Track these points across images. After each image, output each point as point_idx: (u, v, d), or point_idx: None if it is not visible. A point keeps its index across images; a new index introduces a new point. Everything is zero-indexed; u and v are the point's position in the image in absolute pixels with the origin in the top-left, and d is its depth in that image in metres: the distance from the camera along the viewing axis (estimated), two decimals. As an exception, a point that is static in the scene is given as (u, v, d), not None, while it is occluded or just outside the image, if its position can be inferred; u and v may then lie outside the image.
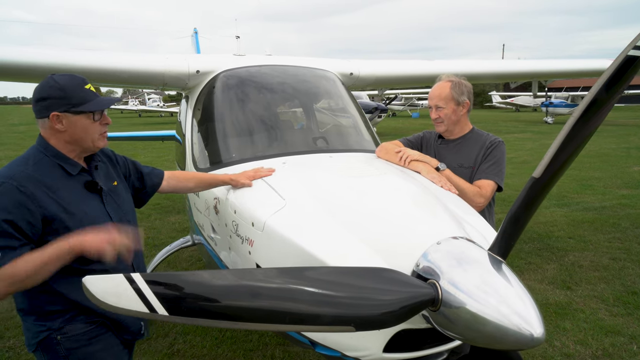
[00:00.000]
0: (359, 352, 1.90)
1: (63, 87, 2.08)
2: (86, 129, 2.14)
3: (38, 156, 2.11)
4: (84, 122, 2.12)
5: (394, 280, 1.55)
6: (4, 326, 4.63)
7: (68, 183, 2.12)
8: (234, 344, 4.26)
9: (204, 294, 1.34)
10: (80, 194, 2.15)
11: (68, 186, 2.11)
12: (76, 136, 2.13)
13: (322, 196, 2.29)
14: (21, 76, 4.30)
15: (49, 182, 2.04)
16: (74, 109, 2.08)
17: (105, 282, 1.31)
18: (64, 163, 2.13)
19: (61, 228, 2.00)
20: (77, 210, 2.07)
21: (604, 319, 4.58)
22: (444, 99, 2.99)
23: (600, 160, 14.75)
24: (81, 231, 1.96)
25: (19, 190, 1.93)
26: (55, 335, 2.10)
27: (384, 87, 7.01)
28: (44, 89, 2.09)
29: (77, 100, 2.08)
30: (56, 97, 2.06)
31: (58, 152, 2.13)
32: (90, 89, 2.15)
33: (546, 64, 6.79)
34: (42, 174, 2.05)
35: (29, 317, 2.15)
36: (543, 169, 1.43)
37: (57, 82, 2.09)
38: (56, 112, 2.06)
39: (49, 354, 2.14)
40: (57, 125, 2.08)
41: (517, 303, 1.46)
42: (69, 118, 2.09)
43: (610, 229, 7.51)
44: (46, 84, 2.10)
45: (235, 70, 3.93)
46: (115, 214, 2.26)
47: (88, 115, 2.12)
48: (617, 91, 1.34)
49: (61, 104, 2.06)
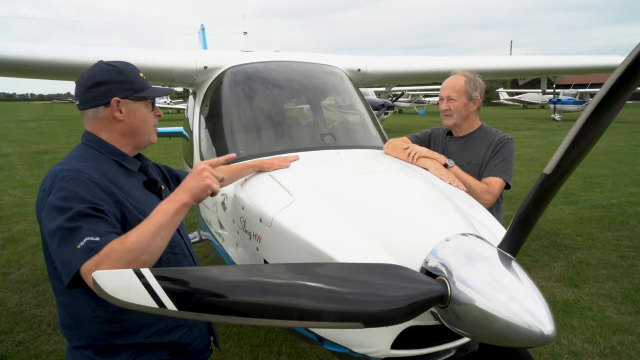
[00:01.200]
0: (367, 349, 1.89)
1: (122, 70, 1.89)
2: (145, 119, 1.96)
3: (91, 153, 1.89)
4: (143, 110, 1.94)
5: (403, 277, 1.54)
6: (13, 321, 4.67)
7: (130, 180, 1.93)
8: (241, 340, 4.27)
9: (212, 290, 1.34)
10: (142, 192, 1.96)
11: (130, 183, 1.92)
12: (134, 126, 1.93)
13: (330, 192, 2.28)
14: (30, 72, 4.33)
15: (113, 179, 1.83)
16: (135, 94, 1.89)
17: (114, 276, 1.31)
18: (121, 160, 1.93)
19: (135, 225, 1.70)
20: (146, 208, 1.78)
21: (612, 317, 4.55)
22: (457, 91, 2.97)
23: (609, 157, 14.63)
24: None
25: (94, 183, 1.72)
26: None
27: (392, 84, 6.98)
28: (99, 73, 1.87)
29: (138, 85, 1.91)
30: (117, 81, 1.86)
31: (114, 148, 1.93)
32: (144, 77, 1.98)
33: (557, 60, 6.73)
34: (104, 170, 1.84)
35: (86, 351, 1.85)
36: (554, 166, 1.41)
37: (115, 67, 1.89)
38: (117, 97, 1.86)
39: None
40: (116, 114, 1.87)
41: (527, 300, 1.45)
42: (129, 105, 1.89)
43: (618, 226, 7.46)
44: (101, 69, 1.88)
45: (242, 66, 3.93)
46: None
47: (147, 103, 1.95)
48: (630, 88, 1.33)
49: (123, 89, 1.87)
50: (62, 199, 1.65)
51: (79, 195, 1.66)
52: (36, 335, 4.38)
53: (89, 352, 1.85)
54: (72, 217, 1.61)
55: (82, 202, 1.65)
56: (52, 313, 4.80)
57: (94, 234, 1.59)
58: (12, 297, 5.21)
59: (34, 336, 4.36)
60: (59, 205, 1.64)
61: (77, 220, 1.61)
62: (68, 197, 1.65)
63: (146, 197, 1.95)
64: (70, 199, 1.65)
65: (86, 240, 1.57)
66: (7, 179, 12.38)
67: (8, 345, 4.19)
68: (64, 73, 4.26)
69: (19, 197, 10.21)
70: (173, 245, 1.94)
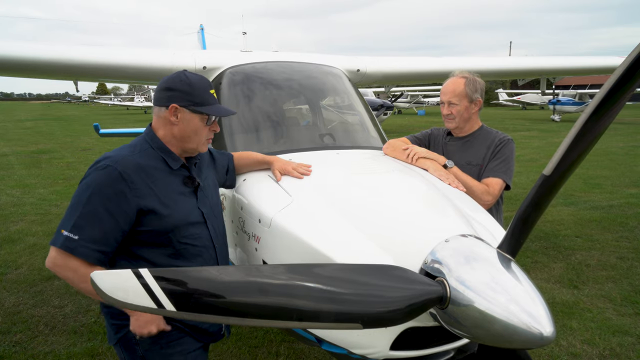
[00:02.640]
0: (365, 350, 1.89)
1: (191, 83, 2.15)
2: (197, 130, 2.19)
3: (144, 146, 2.18)
4: (196, 122, 2.18)
5: (402, 277, 1.54)
6: (10, 321, 4.65)
7: (168, 176, 2.18)
8: (239, 341, 4.26)
9: (211, 290, 1.34)
10: (177, 188, 2.20)
11: (167, 179, 2.17)
12: (185, 133, 2.18)
13: (329, 193, 2.28)
14: (29, 72, 4.32)
15: (150, 172, 2.10)
16: (193, 107, 2.14)
17: (113, 277, 1.31)
18: (166, 156, 2.19)
19: (155, 219, 2.07)
20: (172, 203, 2.13)
21: (611, 318, 4.55)
22: (458, 96, 2.96)
23: (608, 158, 14.65)
24: (174, 224, 2.11)
25: (122, 178, 1.99)
26: (134, 335, 2.12)
27: (391, 84, 6.98)
28: (173, 81, 2.16)
29: (199, 99, 2.15)
30: (181, 91, 2.14)
31: (163, 145, 2.19)
32: (213, 94, 2.23)
33: (556, 61, 6.74)
34: (146, 163, 2.11)
35: (110, 311, 2.20)
36: (554, 167, 1.41)
37: (188, 78, 2.16)
38: (176, 104, 2.13)
39: (128, 351, 2.20)
40: (171, 117, 2.15)
41: (526, 301, 1.44)
42: (185, 114, 2.15)
43: (618, 228, 7.47)
44: (177, 77, 2.17)
45: (242, 67, 3.92)
46: (205, 208, 2.30)
47: (203, 117, 2.18)
48: (629, 89, 1.32)
49: (184, 99, 2.13)
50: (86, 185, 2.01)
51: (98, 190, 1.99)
52: (33, 335, 4.37)
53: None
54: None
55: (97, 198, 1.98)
56: (49, 313, 4.79)
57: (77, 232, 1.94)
58: (9, 297, 5.20)
59: (31, 336, 4.35)
60: (80, 187, 2.02)
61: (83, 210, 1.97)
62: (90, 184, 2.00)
63: (178, 193, 2.19)
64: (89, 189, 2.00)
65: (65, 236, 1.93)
66: (4, 179, 12.35)
67: (5, 346, 4.18)
68: (64, 73, 4.26)
69: (17, 196, 10.19)
70: (194, 238, 2.20)
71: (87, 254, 1.94)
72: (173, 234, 2.13)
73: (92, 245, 1.95)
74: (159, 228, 2.08)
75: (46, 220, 8.23)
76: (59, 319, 4.69)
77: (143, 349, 2.17)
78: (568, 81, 41.87)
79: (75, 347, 4.15)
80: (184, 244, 2.17)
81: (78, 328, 4.49)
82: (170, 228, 2.11)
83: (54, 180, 12.07)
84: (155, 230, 2.08)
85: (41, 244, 6.81)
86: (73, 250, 1.92)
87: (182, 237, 2.16)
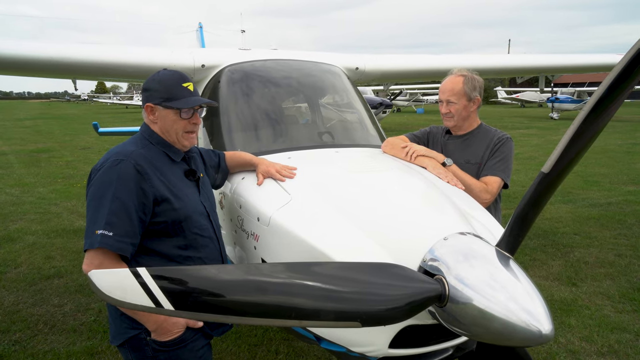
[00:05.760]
0: (364, 348, 1.89)
1: (161, 80, 2.24)
2: (173, 124, 2.26)
3: (143, 142, 2.26)
4: (171, 117, 2.24)
5: (401, 276, 1.54)
6: (9, 320, 4.65)
7: (172, 168, 2.27)
8: (239, 339, 4.26)
9: (209, 289, 1.34)
10: (182, 180, 2.30)
11: (172, 171, 2.26)
12: (164, 129, 2.27)
13: (327, 191, 2.28)
14: (28, 70, 4.31)
15: (157, 165, 2.19)
16: (165, 103, 2.22)
17: (111, 276, 1.31)
18: (167, 150, 2.29)
19: (169, 209, 2.14)
20: (182, 194, 2.21)
21: (609, 315, 4.56)
22: (456, 94, 2.95)
23: (606, 156, 14.66)
24: (186, 213, 2.18)
25: (137, 170, 2.07)
26: (145, 336, 2.14)
27: (390, 82, 6.97)
28: (148, 81, 2.27)
29: (169, 95, 2.22)
30: (154, 90, 2.23)
31: (162, 139, 2.28)
32: (188, 87, 2.27)
33: (554, 59, 6.73)
34: (152, 156, 2.20)
35: (119, 311, 2.17)
36: (552, 164, 1.41)
37: (159, 75, 2.26)
38: (150, 103, 2.23)
39: (136, 352, 2.20)
40: (150, 116, 2.26)
41: (525, 299, 1.45)
42: (160, 111, 2.24)
43: (616, 225, 7.48)
44: (151, 77, 2.28)
45: (240, 65, 3.92)
46: (206, 202, 2.38)
47: (175, 111, 2.23)
48: (628, 87, 1.32)
49: (156, 97, 2.23)
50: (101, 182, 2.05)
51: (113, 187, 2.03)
52: (33, 334, 4.37)
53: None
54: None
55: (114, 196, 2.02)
56: (49, 312, 4.79)
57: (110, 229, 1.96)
58: (8, 296, 5.19)
59: (30, 335, 4.35)
60: (97, 186, 2.06)
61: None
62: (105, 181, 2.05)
63: (184, 185, 2.29)
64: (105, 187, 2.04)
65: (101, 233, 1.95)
66: (3, 178, 12.33)
67: (4, 345, 4.18)
68: (62, 71, 4.24)
69: (16, 195, 10.18)
70: (202, 228, 2.28)
71: (124, 248, 1.99)
72: (185, 223, 2.20)
73: (127, 239, 2.00)
74: (173, 217, 2.15)
75: (45, 219, 8.22)
76: (58, 317, 4.69)
77: (153, 349, 2.16)
78: (566, 79, 41.84)
79: (75, 346, 4.15)
80: (195, 234, 2.25)
81: (77, 327, 4.49)
82: (183, 217, 2.18)
83: (53, 179, 12.06)
84: (169, 221, 2.15)
85: (40, 243, 6.79)
86: (111, 246, 1.95)
87: (194, 227, 2.24)
